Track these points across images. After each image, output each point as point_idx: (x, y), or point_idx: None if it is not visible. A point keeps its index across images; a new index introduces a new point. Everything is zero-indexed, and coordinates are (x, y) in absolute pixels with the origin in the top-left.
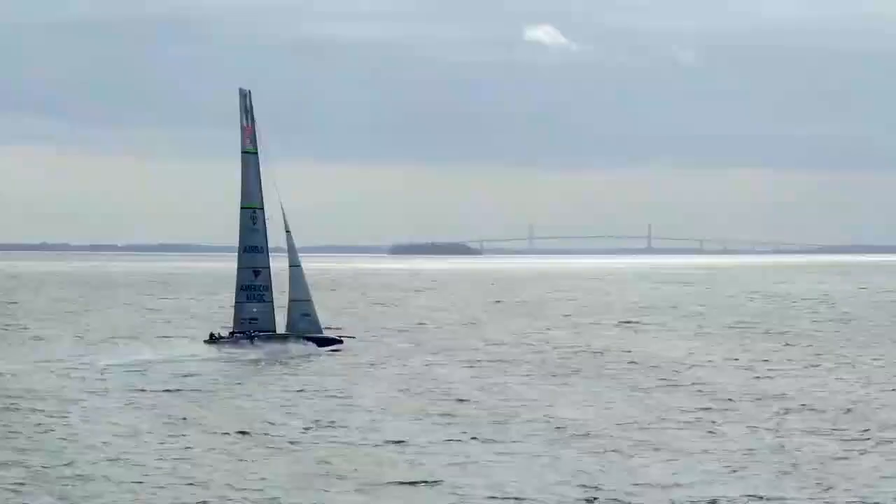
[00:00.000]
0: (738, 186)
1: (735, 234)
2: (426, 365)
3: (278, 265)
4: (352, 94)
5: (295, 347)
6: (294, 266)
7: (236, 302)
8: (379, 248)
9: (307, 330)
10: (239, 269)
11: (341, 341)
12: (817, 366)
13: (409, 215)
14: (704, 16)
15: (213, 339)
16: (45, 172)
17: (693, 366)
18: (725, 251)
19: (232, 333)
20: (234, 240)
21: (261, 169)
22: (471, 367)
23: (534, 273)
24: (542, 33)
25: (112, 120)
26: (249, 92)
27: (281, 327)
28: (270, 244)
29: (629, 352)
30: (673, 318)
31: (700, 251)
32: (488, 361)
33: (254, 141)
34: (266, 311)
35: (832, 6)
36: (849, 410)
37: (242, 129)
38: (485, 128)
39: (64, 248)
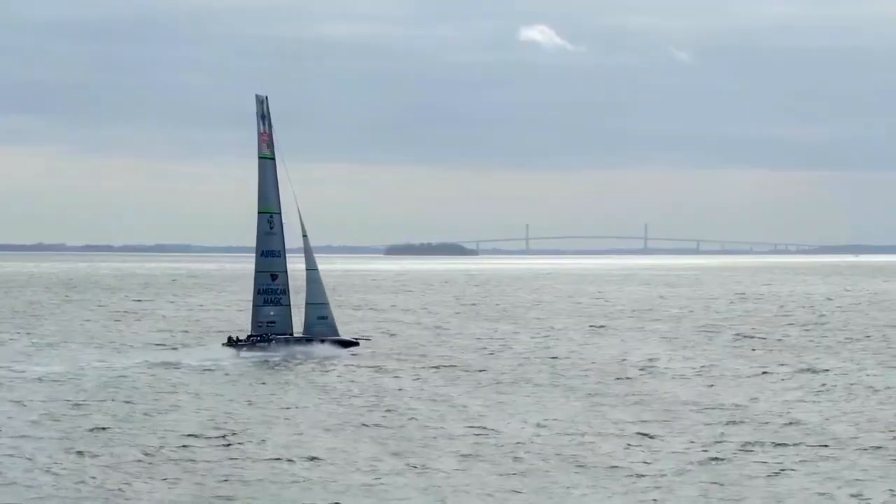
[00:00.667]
0: (736, 186)
1: (732, 235)
2: (374, 372)
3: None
4: (348, 95)
5: (312, 350)
6: (311, 269)
7: (254, 305)
8: (375, 248)
9: (323, 333)
10: (256, 272)
11: (357, 343)
12: (775, 373)
13: (406, 216)
14: (700, 15)
15: (231, 343)
16: (42, 173)
17: (648, 373)
18: (723, 251)
19: (249, 337)
20: (229, 241)
21: (278, 174)
22: (418, 375)
23: (524, 274)
24: (538, 33)
25: (110, 121)
26: (266, 98)
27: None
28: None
29: (586, 359)
30: (645, 322)
31: (697, 251)
32: (439, 368)
33: (271, 146)
34: (283, 314)
35: (829, 6)
36: (792, 423)
37: (259, 134)
38: (481, 128)
39: (60, 248)
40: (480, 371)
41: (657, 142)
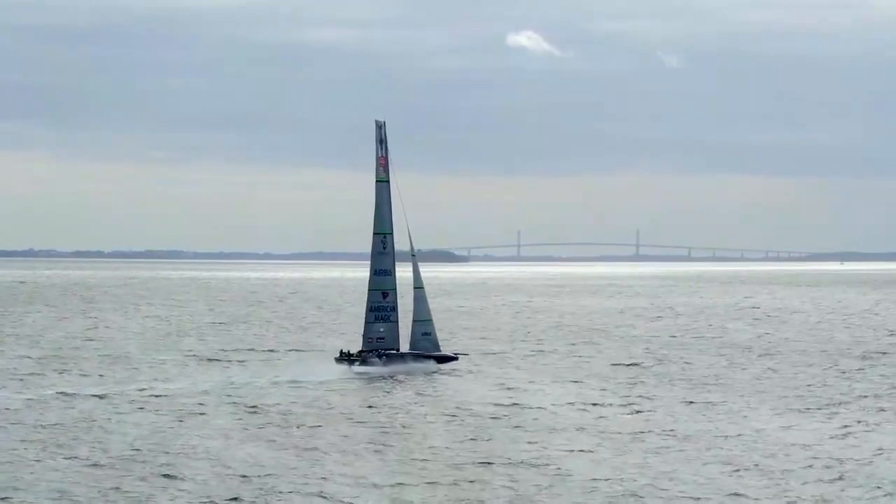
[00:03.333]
0: (728, 193)
1: (724, 241)
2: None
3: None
4: (337, 100)
5: (417, 365)
6: (418, 288)
7: (366, 322)
8: (365, 255)
9: (427, 348)
10: (369, 290)
11: (457, 358)
12: (607, 410)
13: (396, 222)
14: (689, 20)
15: (343, 357)
16: (34, 178)
17: (507, 413)
18: (714, 258)
19: (360, 352)
20: (221, 246)
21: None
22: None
23: (494, 283)
24: (526, 39)
25: (100, 125)
26: (384, 123)
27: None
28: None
29: (440, 397)
30: (543, 342)
31: (689, 258)
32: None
33: (387, 170)
34: (391, 330)
35: (820, 12)
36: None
37: (377, 158)
38: (471, 134)
39: (51, 253)
40: (321, 409)
41: (648, 147)
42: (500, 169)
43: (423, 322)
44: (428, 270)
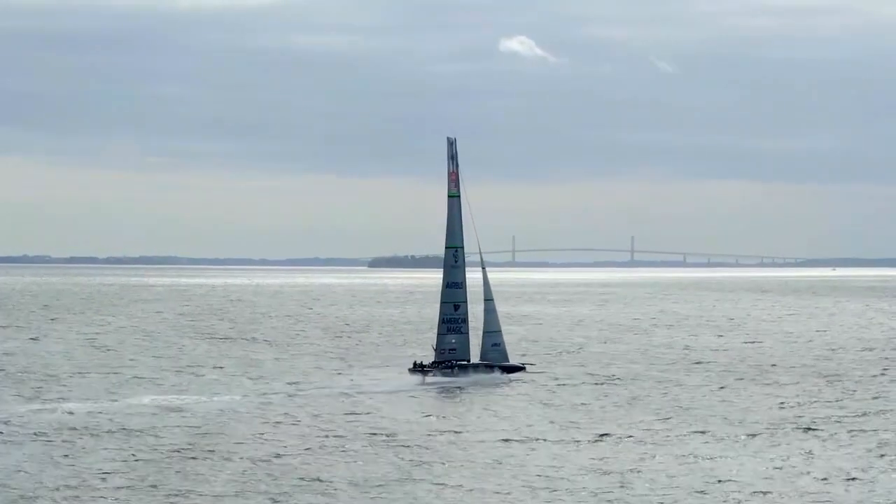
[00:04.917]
0: (723, 198)
1: (719, 247)
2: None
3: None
4: (331, 106)
5: (487, 376)
6: (488, 300)
7: (438, 334)
8: (361, 260)
9: (496, 359)
10: (442, 303)
11: (524, 368)
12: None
13: (392, 228)
14: (682, 26)
15: (416, 368)
16: (28, 184)
17: (425, 443)
18: (709, 264)
19: (434, 363)
20: (217, 252)
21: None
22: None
23: (480, 290)
24: (518, 44)
25: (96, 132)
26: (455, 140)
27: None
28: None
29: (361, 421)
30: (520, 361)
31: (684, 264)
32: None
33: (457, 185)
34: (463, 342)
35: (814, 18)
36: None
37: (448, 174)
38: (465, 139)
39: (45, 259)
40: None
41: (643, 153)
42: (494, 174)
43: (493, 333)
44: (422, 276)
